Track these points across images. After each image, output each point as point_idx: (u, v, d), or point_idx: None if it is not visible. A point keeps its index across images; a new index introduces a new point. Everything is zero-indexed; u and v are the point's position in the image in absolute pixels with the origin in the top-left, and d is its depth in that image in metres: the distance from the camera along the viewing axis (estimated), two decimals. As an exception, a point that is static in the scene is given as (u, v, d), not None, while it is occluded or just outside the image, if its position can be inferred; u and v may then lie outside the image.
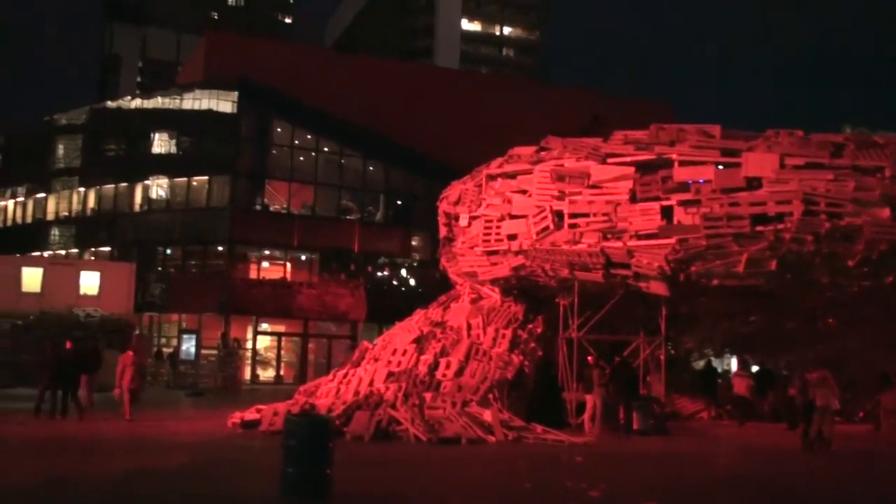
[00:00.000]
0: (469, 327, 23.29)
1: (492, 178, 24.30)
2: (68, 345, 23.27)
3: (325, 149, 49.72)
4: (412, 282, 50.59)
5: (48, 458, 15.08)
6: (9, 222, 57.71)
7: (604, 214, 21.40)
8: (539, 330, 23.78)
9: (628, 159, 21.88)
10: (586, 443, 18.75)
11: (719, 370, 31.49)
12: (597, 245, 21.20)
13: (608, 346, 23.71)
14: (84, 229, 51.74)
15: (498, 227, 23.16)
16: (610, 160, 22.11)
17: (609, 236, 21.29)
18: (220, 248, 47.18)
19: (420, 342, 22.83)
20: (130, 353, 21.69)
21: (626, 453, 18.01)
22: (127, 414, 20.81)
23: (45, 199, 54.48)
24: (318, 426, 11.69)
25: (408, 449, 17.46)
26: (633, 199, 21.31)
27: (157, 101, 52.66)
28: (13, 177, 58.07)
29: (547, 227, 22.03)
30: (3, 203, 58.71)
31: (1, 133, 62.48)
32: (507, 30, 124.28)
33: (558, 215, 22.05)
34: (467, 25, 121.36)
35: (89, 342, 27.00)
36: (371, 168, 50.74)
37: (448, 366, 21.54)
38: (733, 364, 34.22)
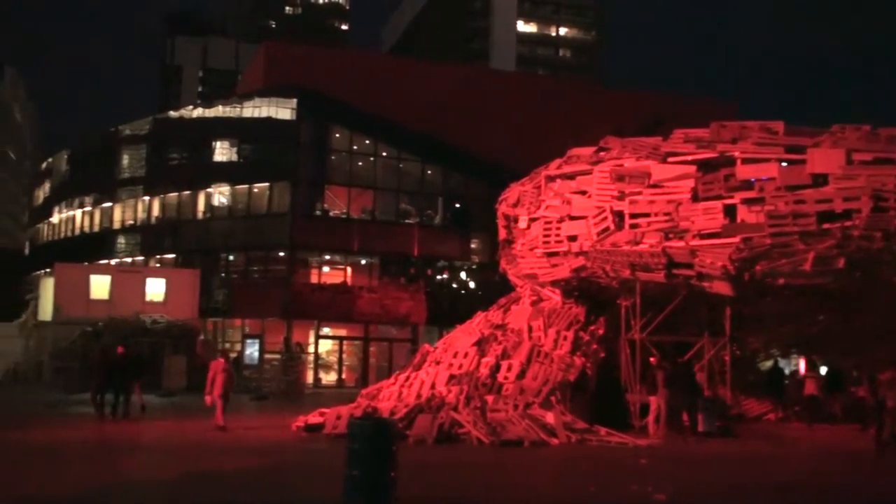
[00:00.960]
0: (530, 329, 23.19)
1: (551, 179, 24.19)
2: (120, 350, 24.01)
3: (384, 153, 49.96)
4: (472, 284, 50.55)
5: (111, 462, 15.36)
6: (77, 231, 59.06)
7: (665, 214, 21.16)
8: (601, 331, 23.58)
9: (689, 158, 21.60)
10: (651, 445, 18.53)
11: (786, 371, 30.85)
12: (658, 245, 20.95)
13: (671, 347, 23.40)
14: (149, 237, 52.73)
15: (558, 229, 23.04)
16: (670, 159, 21.86)
17: (671, 236, 21.04)
18: (282, 254, 47.66)
19: (481, 345, 22.81)
20: (221, 359, 21.21)
21: (691, 456, 17.76)
22: (221, 421, 20.10)
23: (112, 208, 55.63)
24: (381, 429, 11.70)
25: (470, 452, 17.44)
26: (695, 197, 21.03)
27: (218, 110, 53.44)
28: (81, 187, 59.46)
29: (607, 228, 21.86)
30: (71, 213, 60.11)
31: (68, 145, 64.09)
32: (563, 30, 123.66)
33: (618, 216, 21.87)
34: (523, 27, 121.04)
35: (132, 348, 27.55)
36: (429, 171, 50.83)
37: (509, 368, 21.49)
38: (801, 364, 33.54)
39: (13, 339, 40.42)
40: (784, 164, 20.55)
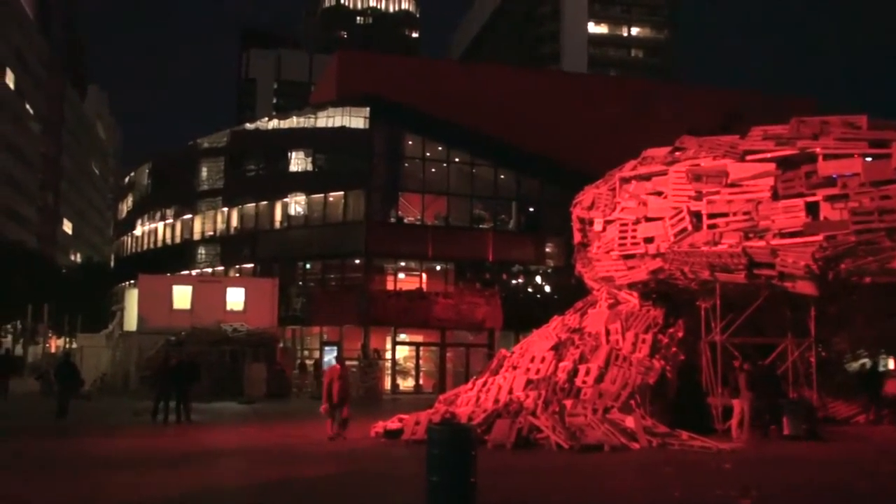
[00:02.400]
0: (608, 333, 22.97)
1: (625, 181, 23.93)
2: (173, 360, 26.10)
3: (457, 159, 50.08)
4: (547, 288, 50.32)
5: (194, 469, 15.63)
6: (159, 243, 60.54)
7: (744, 213, 20.74)
8: (680, 334, 23.19)
9: (768, 155, 21.15)
10: (734, 449, 18.16)
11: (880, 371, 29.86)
12: (738, 245, 20.55)
13: (753, 349, 22.90)
14: (228, 247, 53.77)
15: (634, 231, 22.77)
16: (749, 157, 21.44)
17: (751, 235, 20.61)
18: (357, 261, 48.09)
19: (558, 349, 22.66)
20: (338, 365, 20.76)
21: (777, 459, 17.34)
22: (334, 429, 19.82)
23: (192, 219, 56.89)
24: (460, 435, 11.72)
25: (550, 457, 17.33)
26: (776, 196, 20.57)
27: (293, 121, 54.26)
28: (162, 200, 60.97)
29: (685, 229, 21.51)
30: (153, 225, 61.67)
31: (149, 159, 65.79)
32: (634, 31, 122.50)
33: (696, 216, 21.51)
34: (594, 29, 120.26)
35: (186, 357, 28.73)
36: (502, 176, 50.79)
37: (588, 372, 21.30)
38: (890, 365, 32.51)
39: (101, 349, 41.56)
40: (868, 158, 19.97)
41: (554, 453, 17.70)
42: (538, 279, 51.00)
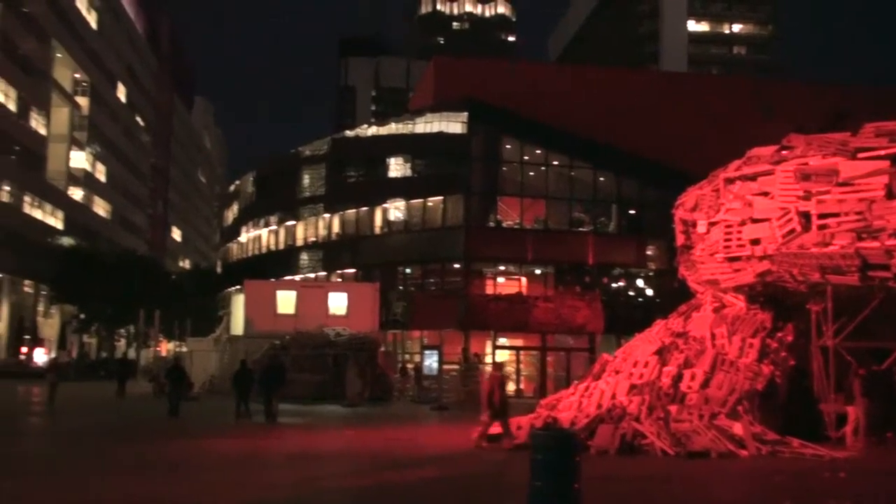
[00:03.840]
0: (713, 337, 22.42)
1: (730, 181, 23.34)
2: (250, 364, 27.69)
3: (555, 162, 49.83)
4: (649, 292, 49.56)
5: (298, 471, 15.88)
6: (263, 250, 62.01)
7: (857, 213, 19.97)
8: (789, 338, 22.47)
9: (882, 153, 20.33)
10: (849, 458, 17.50)
11: None
12: (850, 246, 19.80)
13: (868, 353, 22.03)
14: (330, 253, 54.70)
15: (739, 232, 22.19)
16: (860, 155, 20.65)
17: (864, 236, 19.83)
18: (457, 266, 48.30)
19: (662, 353, 22.23)
20: (497, 373, 19.97)
21: (894, 469, 16.65)
22: (511, 439, 18.78)
23: (295, 226, 58.09)
24: (564, 440, 11.59)
25: (654, 463, 17.03)
26: (890, 195, 19.76)
27: (392, 128, 54.86)
28: (266, 207, 62.45)
29: (793, 230, 20.85)
30: (258, 232, 63.19)
31: (254, 168, 67.48)
32: (736, 27, 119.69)
33: (805, 216, 20.82)
34: (694, 27, 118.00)
35: (274, 360, 29.53)
36: (601, 178, 50.29)
37: (693, 377, 20.84)
38: None
39: (209, 352, 42.71)
40: None
41: (659, 460, 17.38)
42: (640, 282, 50.28)
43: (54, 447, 20.02)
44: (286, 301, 41.02)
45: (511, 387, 45.80)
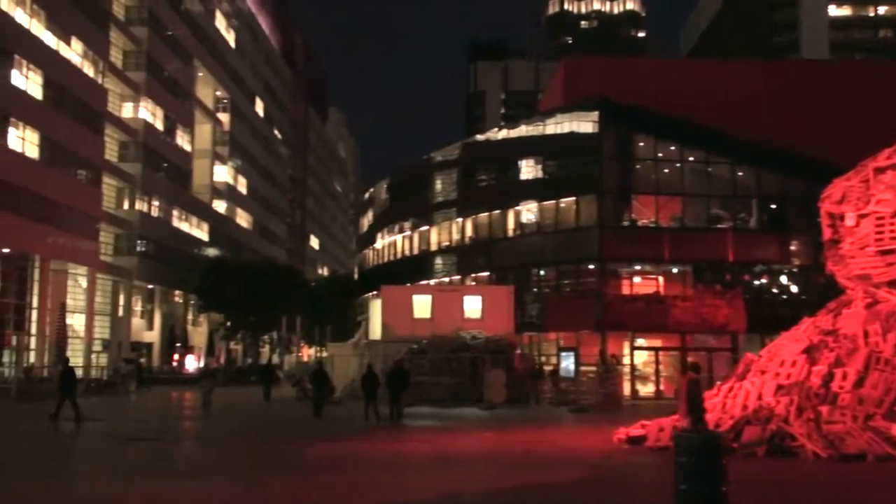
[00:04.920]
0: (866, 335, 21.36)
1: (880, 170, 22.22)
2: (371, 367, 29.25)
3: (690, 158, 48.61)
4: (794, 289, 47.70)
5: (442, 473, 15.99)
6: (398, 255, 62.97)
7: None
8: (950, 334, 21.20)
9: None
10: None
11: None
12: None
13: None
14: (464, 257, 55.04)
15: (892, 224, 21.11)
16: None
17: None
18: (592, 267, 47.73)
19: (810, 352, 21.33)
20: (694, 374, 18.59)
21: None
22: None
23: (428, 231, 58.75)
24: (710, 442, 11.29)
25: (805, 466, 16.38)
26: None
27: (522, 130, 54.75)
28: (399, 213, 63.43)
29: (951, 220, 19.68)
30: (392, 238, 64.23)
31: (386, 174, 68.70)
32: (882, 9, 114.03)
33: (965, 205, 19.62)
34: (835, 12, 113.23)
35: (396, 363, 30.16)
36: (740, 173, 48.75)
37: (845, 377, 19.90)
38: None
39: (349, 357, 43.62)
40: None
41: (810, 462, 16.70)
42: (783, 279, 48.46)
43: (214, 448, 20.98)
44: (422, 305, 41.45)
45: (650, 388, 45.01)
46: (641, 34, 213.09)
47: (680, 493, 10.79)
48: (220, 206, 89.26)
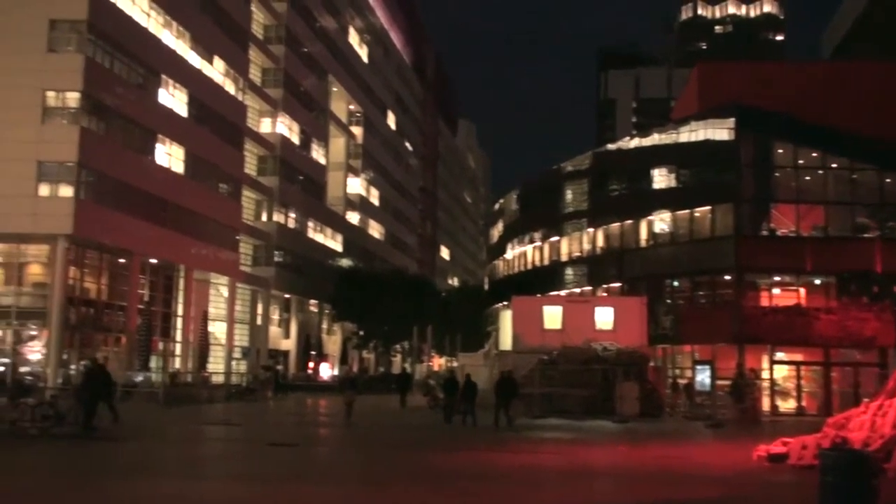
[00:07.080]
0: None
1: None
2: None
3: (833, 165, 46.68)
4: (953, 301, 45.06)
5: (577, 488, 15.81)
6: (529, 266, 62.85)
7: None
8: None
9: None
10: None
11: None
12: None
13: None
14: (594, 267, 54.46)
15: None
16: None
17: None
18: (728, 277, 46.39)
19: (968, 369, 20.13)
20: None
21: None
22: None
23: (559, 241, 58.43)
24: (858, 462, 10.80)
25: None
26: None
27: (654, 138, 53.82)
28: (530, 224, 63.35)
29: None
30: (522, 248, 64.19)
31: (516, 185, 68.78)
32: None
33: None
34: None
35: (506, 374, 30.90)
36: (888, 180, 46.46)
37: None
38: None
39: (479, 367, 43.78)
40: None
41: (970, 487, 15.70)
42: (937, 291, 45.86)
43: (349, 454, 21.61)
44: (552, 316, 41.17)
45: (791, 403, 43.36)
46: (780, 38, 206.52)
47: (827, 515, 10.36)
48: (353, 217, 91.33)
